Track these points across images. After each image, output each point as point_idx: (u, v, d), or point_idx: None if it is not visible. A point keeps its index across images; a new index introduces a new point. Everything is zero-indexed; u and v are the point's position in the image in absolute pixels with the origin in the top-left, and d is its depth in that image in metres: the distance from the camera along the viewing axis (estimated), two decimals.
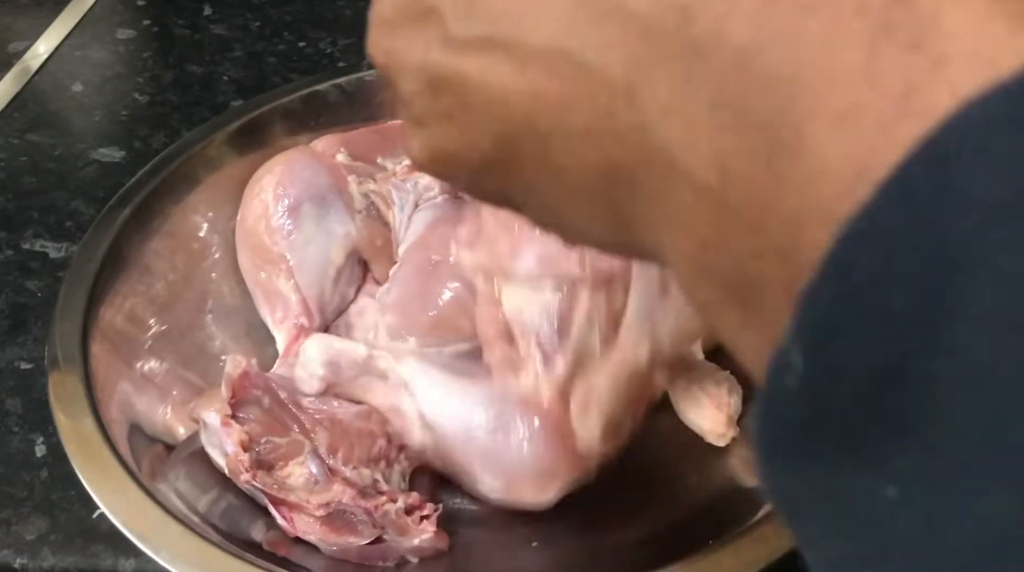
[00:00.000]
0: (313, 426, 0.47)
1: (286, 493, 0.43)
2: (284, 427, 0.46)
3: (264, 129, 0.59)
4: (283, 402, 0.47)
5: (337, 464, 0.46)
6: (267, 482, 0.43)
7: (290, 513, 0.44)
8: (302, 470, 0.45)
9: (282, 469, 0.45)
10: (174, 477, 0.44)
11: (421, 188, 0.57)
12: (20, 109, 0.75)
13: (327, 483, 0.44)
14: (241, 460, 0.43)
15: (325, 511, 0.43)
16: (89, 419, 0.43)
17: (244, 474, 0.43)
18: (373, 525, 0.44)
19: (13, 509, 0.48)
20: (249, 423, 0.45)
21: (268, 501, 0.44)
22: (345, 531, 0.44)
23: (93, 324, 0.47)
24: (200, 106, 0.75)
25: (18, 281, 0.61)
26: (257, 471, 0.44)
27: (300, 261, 0.54)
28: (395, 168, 0.59)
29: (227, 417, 0.44)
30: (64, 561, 0.46)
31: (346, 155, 0.59)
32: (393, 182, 0.57)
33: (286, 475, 0.45)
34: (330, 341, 0.50)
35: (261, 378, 0.48)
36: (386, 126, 0.62)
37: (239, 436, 0.44)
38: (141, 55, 0.82)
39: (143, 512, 0.40)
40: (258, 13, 0.86)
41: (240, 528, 0.44)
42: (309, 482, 0.44)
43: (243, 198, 0.56)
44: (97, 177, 0.69)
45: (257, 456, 0.44)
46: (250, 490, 0.44)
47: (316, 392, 0.48)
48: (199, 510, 0.43)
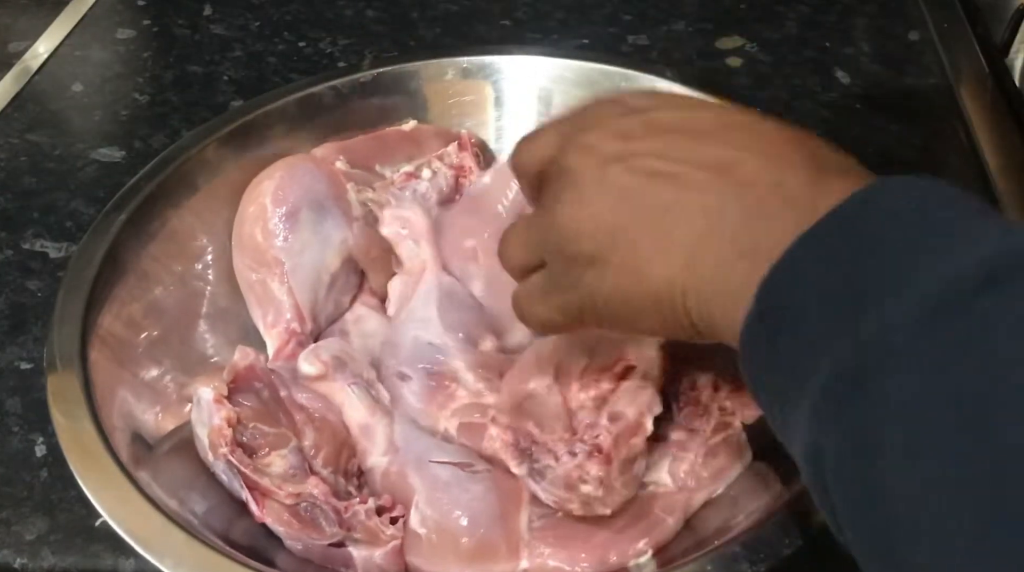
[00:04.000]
0: (304, 425, 0.48)
1: (260, 476, 0.44)
2: (275, 420, 0.47)
3: (260, 132, 0.59)
4: (280, 398, 0.48)
5: (317, 464, 0.47)
6: (244, 461, 0.44)
7: (262, 498, 0.44)
8: (282, 462, 0.46)
9: (264, 457, 0.46)
10: (172, 479, 0.44)
11: (420, 197, 0.57)
12: (20, 109, 0.75)
13: (303, 477, 0.45)
14: (224, 434, 0.44)
15: (294, 500, 0.44)
16: (88, 425, 0.43)
17: (223, 448, 0.44)
18: (340, 525, 0.44)
19: (13, 509, 0.48)
20: (243, 407, 0.46)
21: (242, 482, 0.44)
22: (310, 526, 0.44)
23: (91, 329, 0.47)
24: (200, 106, 0.75)
25: (18, 281, 0.61)
26: (236, 448, 0.44)
27: (295, 266, 0.54)
28: (394, 176, 0.60)
29: (221, 396, 0.45)
30: (64, 561, 0.46)
31: (345, 162, 0.59)
32: (392, 191, 0.57)
33: (267, 463, 0.45)
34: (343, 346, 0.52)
35: (266, 373, 0.49)
36: (384, 133, 0.62)
37: (227, 413, 0.45)
38: (141, 55, 0.82)
39: (144, 518, 0.40)
40: (258, 13, 0.86)
41: (238, 531, 0.44)
42: (287, 473, 0.45)
43: (242, 201, 0.56)
44: (97, 177, 0.69)
45: (243, 439, 0.45)
46: (226, 471, 0.44)
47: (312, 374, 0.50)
48: (198, 514, 0.43)
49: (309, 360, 0.50)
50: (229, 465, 0.44)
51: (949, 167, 0.68)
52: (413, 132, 0.62)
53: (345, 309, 0.57)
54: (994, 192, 0.65)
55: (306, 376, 0.50)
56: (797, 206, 0.31)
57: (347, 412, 0.49)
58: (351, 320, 0.56)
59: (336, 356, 0.50)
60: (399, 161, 0.62)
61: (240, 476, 0.44)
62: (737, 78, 0.77)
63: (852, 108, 0.73)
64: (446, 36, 0.80)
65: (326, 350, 0.51)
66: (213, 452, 0.44)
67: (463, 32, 0.78)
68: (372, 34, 0.81)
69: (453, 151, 0.60)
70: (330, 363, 0.50)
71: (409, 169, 0.60)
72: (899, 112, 0.72)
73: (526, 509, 0.46)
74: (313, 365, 0.50)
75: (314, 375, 0.50)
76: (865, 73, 0.77)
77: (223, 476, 0.45)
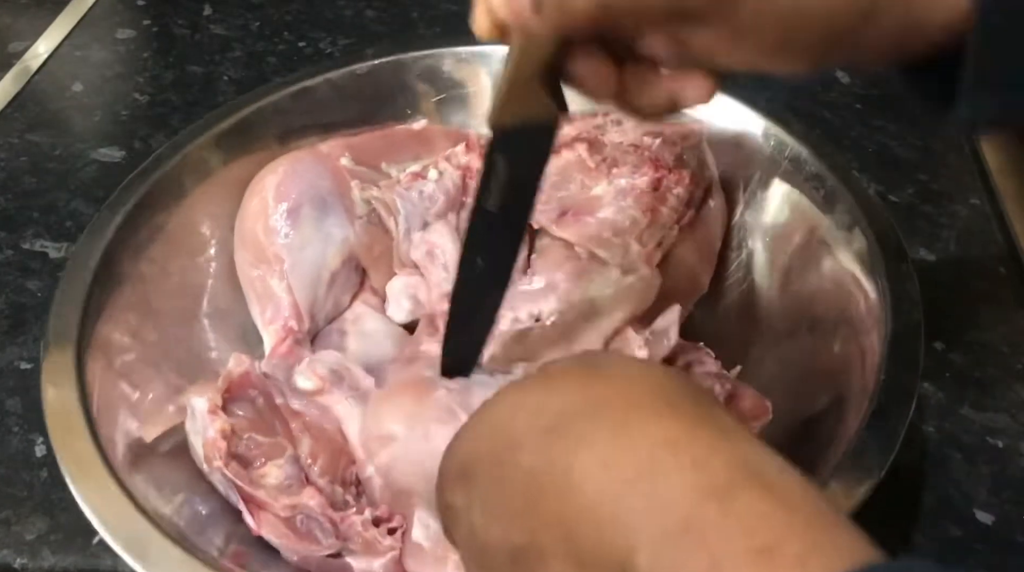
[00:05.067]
0: (300, 433, 0.47)
1: (255, 489, 0.43)
2: (271, 429, 0.46)
3: (255, 127, 0.58)
4: (276, 406, 0.48)
5: (313, 473, 0.46)
6: (240, 474, 0.44)
7: (258, 511, 0.44)
8: (278, 472, 0.45)
9: (260, 468, 0.45)
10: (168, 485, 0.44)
11: (426, 198, 0.57)
12: (20, 109, 0.75)
13: (299, 487, 0.45)
14: (219, 446, 0.43)
15: (290, 513, 0.43)
16: (85, 438, 0.42)
17: (217, 461, 0.43)
18: (336, 536, 0.43)
19: (13, 509, 0.48)
20: (237, 417, 0.46)
21: (238, 496, 0.44)
22: (307, 538, 0.43)
23: (86, 333, 0.46)
24: (200, 106, 0.75)
25: (18, 281, 0.61)
26: (231, 461, 0.44)
27: (295, 263, 0.53)
28: (399, 176, 0.59)
29: (216, 406, 0.45)
30: (64, 561, 0.46)
31: (350, 159, 0.58)
32: (397, 190, 0.57)
33: (262, 474, 0.45)
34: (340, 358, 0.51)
35: (261, 381, 0.48)
36: (393, 131, 0.61)
37: (222, 424, 0.44)
38: (141, 55, 0.82)
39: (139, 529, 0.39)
40: (258, 13, 0.86)
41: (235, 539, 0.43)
42: (282, 484, 0.44)
43: (245, 195, 0.56)
44: (97, 177, 0.69)
45: (238, 450, 0.45)
46: (222, 481, 0.44)
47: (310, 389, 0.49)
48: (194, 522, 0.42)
49: (306, 375, 0.49)
50: (224, 477, 0.44)
51: (949, 167, 0.68)
52: (422, 131, 0.61)
53: (345, 308, 0.56)
54: (994, 192, 0.65)
55: (304, 391, 0.49)
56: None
57: (346, 424, 0.48)
58: (350, 319, 0.55)
59: (333, 370, 0.50)
60: (406, 160, 0.61)
61: (235, 489, 0.43)
62: (737, 78, 0.77)
63: (852, 108, 0.73)
64: (446, 36, 0.80)
65: (323, 364, 0.50)
66: (208, 464, 0.44)
67: (463, 32, 0.78)
68: (372, 34, 0.81)
69: (460, 152, 0.60)
70: (327, 377, 0.49)
71: (416, 169, 0.59)
72: (899, 112, 0.72)
73: None
74: (310, 380, 0.49)
75: (311, 390, 0.49)
76: (865, 73, 0.77)
77: (219, 485, 0.45)
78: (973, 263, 0.61)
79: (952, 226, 0.64)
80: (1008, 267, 0.61)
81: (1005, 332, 0.57)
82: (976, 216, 0.65)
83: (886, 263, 0.48)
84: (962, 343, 0.56)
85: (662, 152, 0.55)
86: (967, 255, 0.62)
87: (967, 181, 0.67)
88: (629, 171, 0.55)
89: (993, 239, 0.63)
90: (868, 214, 0.50)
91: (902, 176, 0.67)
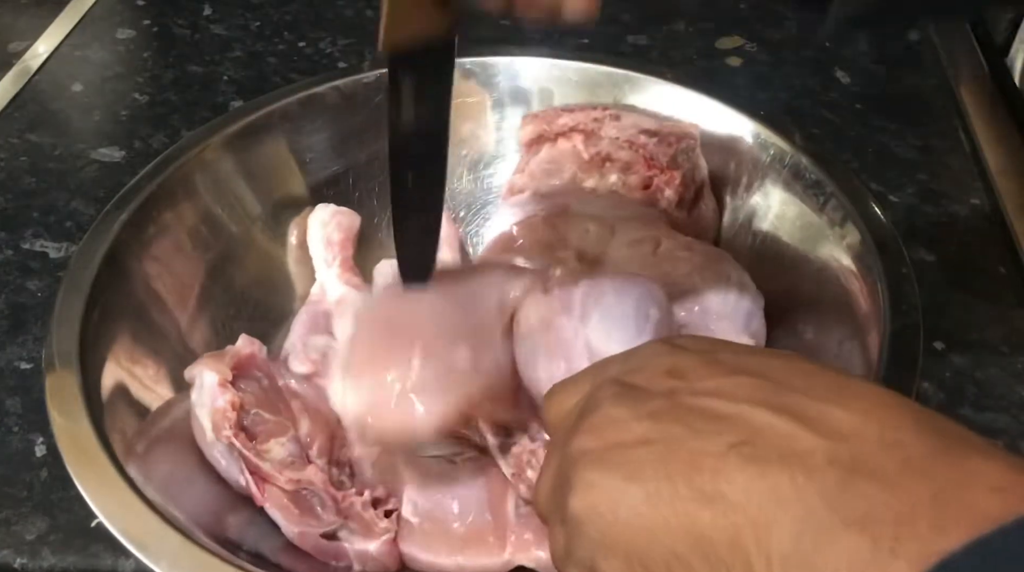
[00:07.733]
0: (299, 413, 0.49)
1: (261, 460, 0.45)
2: (275, 408, 0.48)
3: (262, 132, 0.59)
4: (279, 388, 0.50)
5: (312, 453, 0.48)
6: (247, 444, 0.45)
7: (262, 483, 0.45)
8: (281, 450, 0.46)
9: (264, 443, 0.46)
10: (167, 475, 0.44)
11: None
12: (20, 109, 0.75)
13: (302, 464, 0.46)
14: (228, 416, 0.45)
15: (294, 486, 0.45)
16: (86, 425, 0.42)
17: (227, 430, 0.44)
18: (337, 513, 0.45)
19: (13, 509, 0.48)
20: (244, 393, 0.47)
21: (243, 466, 0.44)
22: (308, 513, 0.45)
23: (90, 330, 0.46)
24: (200, 106, 0.75)
25: (18, 281, 0.61)
26: (239, 432, 0.45)
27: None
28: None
29: (225, 380, 0.46)
30: (64, 561, 0.46)
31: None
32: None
33: (267, 449, 0.46)
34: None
35: (265, 364, 0.50)
36: None
37: (232, 396, 0.45)
38: (141, 55, 0.82)
39: (141, 520, 0.39)
40: (258, 13, 0.86)
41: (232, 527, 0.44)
42: (286, 460, 0.46)
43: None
44: (97, 177, 0.69)
45: (245, 424, 0.46)
46: (226, 455, 0.45)
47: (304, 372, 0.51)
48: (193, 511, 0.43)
49: (300, 359, 0.52)
50: (231, 448, 0.44)
51: (949, 167, 0.68)
52: None
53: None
54: (994, 192, 0.65)
55: (299, 374, 0.52)
56: (928, 476, 0.25)
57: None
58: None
59: (324, 353, 0.52)
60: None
61: (242, 459, 0.44)
62: (737, 78, 0.77)
63: (852, 108, 0.73)
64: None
65: (314, 349, 0.53)
66: (216, 433, 0.45)
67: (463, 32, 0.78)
68: (372, 34, 0.81)
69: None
70: (319, 361, 0.52)
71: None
72: (899, 112, 0.72)
73: (512, 496, 0.46)
74: (303, 364, 0.52)
75: (305, 373, 0.52)
76: (865, 73, 0.77)
77: (221, 460, 0.45)
78: (973, 263, 0.61)
79: (952, 226, 0.64)
80: (1008, 267, 0.61)
81: (1005, 332, 0.57)
82: (976, 216, 0.64)
83: (884, 264, 0.48)
84: (962, 343, 0.56)
85: (657, 151, 0.56)
86: (967, 255, 0.62)
87: (967, 181, 0.67)
88: (621, 167, 0.55)
89: (993, 239, 0.63)
90: (865, 214, 0.50)
91: (902, 176, 0.67)
